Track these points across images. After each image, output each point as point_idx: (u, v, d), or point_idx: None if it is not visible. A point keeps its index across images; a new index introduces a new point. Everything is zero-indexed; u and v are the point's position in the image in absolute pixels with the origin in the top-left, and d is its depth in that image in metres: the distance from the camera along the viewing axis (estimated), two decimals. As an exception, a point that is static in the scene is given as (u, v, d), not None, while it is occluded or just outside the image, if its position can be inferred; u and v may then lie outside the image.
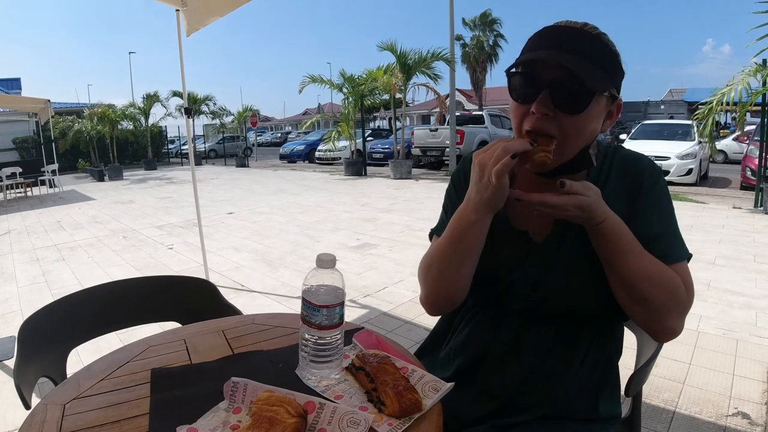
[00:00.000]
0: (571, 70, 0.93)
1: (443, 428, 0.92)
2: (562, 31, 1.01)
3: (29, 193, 14.33)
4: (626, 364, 1.27)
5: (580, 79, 0.93)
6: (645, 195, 1.07)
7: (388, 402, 0.91)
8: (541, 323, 1.13)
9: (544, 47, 1.00)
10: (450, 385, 0.98)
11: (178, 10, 4.18)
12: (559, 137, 0.98)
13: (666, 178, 1.15)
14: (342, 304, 0.99)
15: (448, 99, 14.29)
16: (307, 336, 0.99)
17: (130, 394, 1.02)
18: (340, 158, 17.66)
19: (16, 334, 1.36)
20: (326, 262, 0.98)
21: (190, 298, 1.70)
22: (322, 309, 0.96)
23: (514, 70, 1.02)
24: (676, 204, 1.08)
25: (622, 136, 16.21)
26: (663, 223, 1.06)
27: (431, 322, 1.39)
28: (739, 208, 7.77)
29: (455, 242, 1.08)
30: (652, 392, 2.54)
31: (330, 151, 18.41)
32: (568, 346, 1.12)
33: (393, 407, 0.90)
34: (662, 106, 31.03)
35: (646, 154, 1.17)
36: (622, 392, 1.22)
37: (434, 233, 1.26)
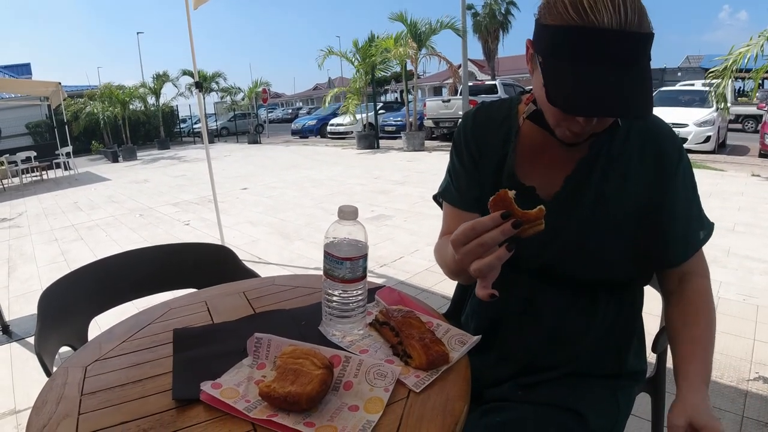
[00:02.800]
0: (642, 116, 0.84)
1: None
2: (615, 43, 0.80)
3: (45, 177, 14.45)
4: (651, 325, 1.24)
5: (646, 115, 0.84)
6: (669, 177, 1.01)
7: (414, 354, 0.89)
8: (555, 284, 1.07)
9: (598, 63, 0.81)
10: (477, 337, 0.96)
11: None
12: (600, 129, 0.91)
13: (684, 145, 1.06)
14: (365, 257, 0.96)
15: (461, 69, 14.06)
16: (330, 290, 0.98)
17: (152, 355, 1.01)
18: (352, 132, 17.56)
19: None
20: (348, 213, 0.95)
21: (209, 265, 1.68)
22: (345, 262, 0.94)
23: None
24: (695, 171, 1.02)
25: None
26: (686, 216, 1.03)
27: (448, 290, 1.37)
28: (758, 175, 7.60)
29: (459, 268, 0.92)
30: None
31: (341, 125, 18.28)
32: (587, 304, 1.07)
33: (420, 359, 0.88)
34: (679, 74, 30.33)
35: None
36: (648, 349, 1.19)
37: (441, 197, 1.20)
